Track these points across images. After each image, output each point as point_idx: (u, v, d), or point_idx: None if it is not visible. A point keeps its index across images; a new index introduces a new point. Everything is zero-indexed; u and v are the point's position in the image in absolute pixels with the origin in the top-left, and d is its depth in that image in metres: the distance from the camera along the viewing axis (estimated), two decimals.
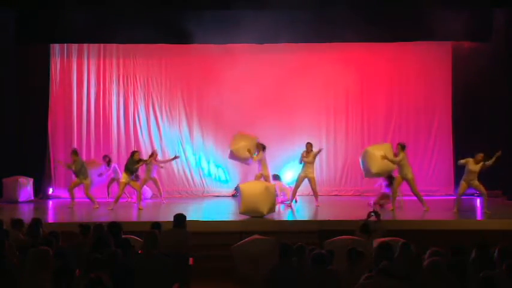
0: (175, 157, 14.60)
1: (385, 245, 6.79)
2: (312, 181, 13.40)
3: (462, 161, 12.37)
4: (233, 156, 14.54)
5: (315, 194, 13.54)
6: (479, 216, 12.39)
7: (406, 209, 12.74)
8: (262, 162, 14.13)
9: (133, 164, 13.33)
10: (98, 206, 13.30)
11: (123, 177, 13.45)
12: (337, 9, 13.60)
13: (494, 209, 12.43)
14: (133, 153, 13.65)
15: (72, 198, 13.54)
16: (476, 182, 12.21)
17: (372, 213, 10.16)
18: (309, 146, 13.57)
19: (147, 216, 12.34)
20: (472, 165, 12.12)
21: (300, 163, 13.52)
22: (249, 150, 14.17)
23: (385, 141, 15.87)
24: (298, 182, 13.46)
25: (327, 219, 12.09)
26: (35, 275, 5.75)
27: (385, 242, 7.02)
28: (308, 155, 13.43)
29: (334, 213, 13.06)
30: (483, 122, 15.18)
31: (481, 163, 12.12)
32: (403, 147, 12.69)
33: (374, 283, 5.61)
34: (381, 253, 6.62)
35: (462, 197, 12.49)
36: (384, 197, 13.24)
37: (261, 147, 14.18)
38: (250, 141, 14.33)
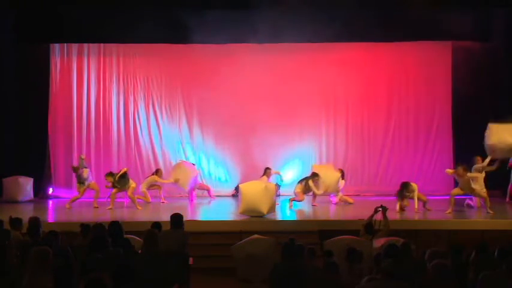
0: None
1: (392, 247, 6.78)
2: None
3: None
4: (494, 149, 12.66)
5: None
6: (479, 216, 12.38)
7: (407, 209, 12.71)
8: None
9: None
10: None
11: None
12: (337, 10, 13.61)
13: (494, 209, 12.42)
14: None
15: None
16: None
17: (379, 208, 10.12)
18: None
19: (147, 216, 12.34)
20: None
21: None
22: None
23: (385, 141, 15.92)
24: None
25: (327, 219, 12.09)
26: (35, 274, 5.75)
27: (392, 245, 7.00)
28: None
29: (334, 213, 13.07)
30: (483, 122, 15.14)
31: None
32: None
33: (378, 286, 5.57)
34: (387, 255, 6.61)
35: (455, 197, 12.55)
36: None
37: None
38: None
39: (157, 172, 14.52)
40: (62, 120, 15.76)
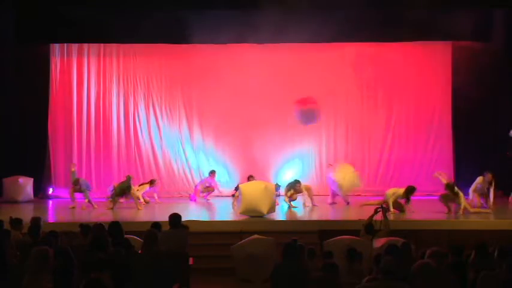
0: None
1: (392, 247, 6.77)
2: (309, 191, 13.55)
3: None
4: None
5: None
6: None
7: (406, 209, 12.71)
8: None
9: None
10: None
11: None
12: (337, 10, 13.61)
13: (494, 208, 12.42)
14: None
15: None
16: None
17: (379, 209, 10.11)
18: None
19: (147, 216, 12.34)
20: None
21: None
22: None
23: (385, 141, 15.93)
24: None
25: (327, 219, 12.09)
26: (35, 274, 5.75)
27: (392, 245, 6.99)
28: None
29: (334, 213, 13.07)
30: (483, 121, 15.18)
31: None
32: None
33: (378, 286, 5.55)
34: (387, 255, 6.59)
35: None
36: None
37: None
38: None
39: (151, 182, 14.45)
40: (62, 120, 15.77)
